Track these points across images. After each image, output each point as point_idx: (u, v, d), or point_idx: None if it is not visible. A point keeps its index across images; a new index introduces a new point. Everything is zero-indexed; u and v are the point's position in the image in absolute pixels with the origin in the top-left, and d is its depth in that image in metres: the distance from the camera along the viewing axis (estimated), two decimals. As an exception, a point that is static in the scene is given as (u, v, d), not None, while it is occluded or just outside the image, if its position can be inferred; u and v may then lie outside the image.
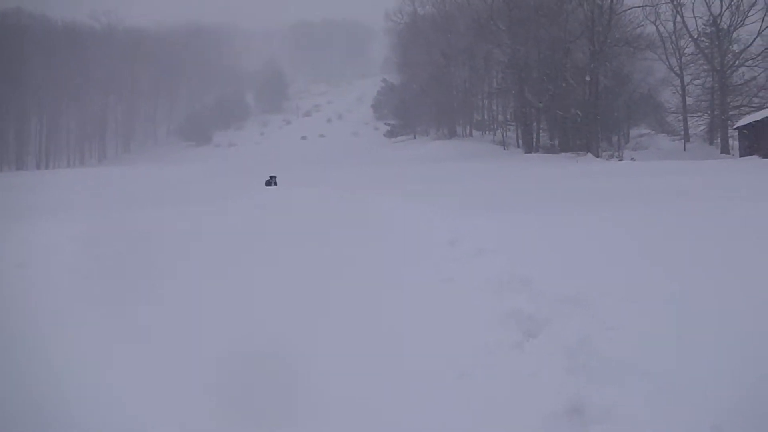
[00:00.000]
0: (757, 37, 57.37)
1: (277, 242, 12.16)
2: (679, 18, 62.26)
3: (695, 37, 60.62)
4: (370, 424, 5.34)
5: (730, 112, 55.21)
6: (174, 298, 8.62)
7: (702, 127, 60.41)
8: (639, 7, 57.98)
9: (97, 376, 6.20)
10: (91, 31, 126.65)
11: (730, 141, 53.25)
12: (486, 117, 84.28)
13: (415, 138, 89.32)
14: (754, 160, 34.49)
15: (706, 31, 59.60)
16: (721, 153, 52.28)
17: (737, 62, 58.13)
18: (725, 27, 57.82)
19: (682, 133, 60.08)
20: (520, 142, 64.42)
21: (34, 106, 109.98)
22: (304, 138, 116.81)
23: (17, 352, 6.80)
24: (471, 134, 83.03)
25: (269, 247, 11.82)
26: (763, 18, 56.84)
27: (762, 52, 56.78)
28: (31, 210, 19.75)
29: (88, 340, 7.07)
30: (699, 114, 59.82)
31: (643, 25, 59.68)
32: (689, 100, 60.99)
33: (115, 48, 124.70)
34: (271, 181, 30.43)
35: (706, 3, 58.87)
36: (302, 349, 6.69)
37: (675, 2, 61.02)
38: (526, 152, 57.96)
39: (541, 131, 60.50)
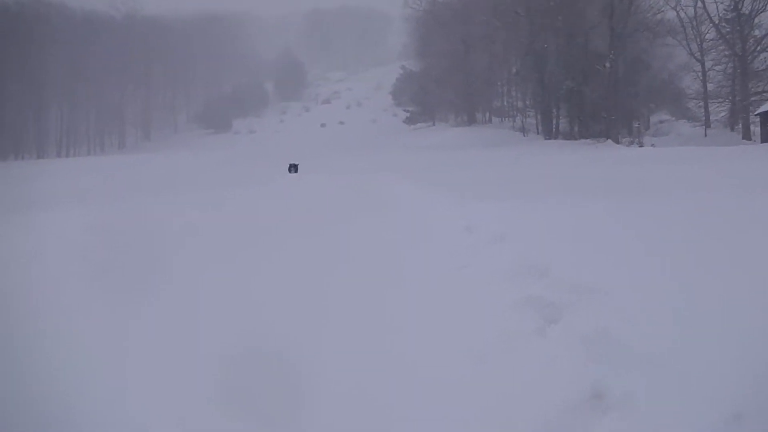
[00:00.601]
0: (778, 23, 57.00)
1: (290, 230, 12.14)
2: (699, 3, 61.78)
3: (716, 22, 60.05)
4: (388, 413, 5.34)
5: (752, 98, 54.72)
6: (177, 293, 8.59)
7: (723, 113, 59.99)
8: (659, -8, 57.73)
9: (99, 372, 6.20)
10: (110, 19, 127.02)
11: (752, 127, 52.91)
12: (505, 103, 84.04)
13: (434, 125, 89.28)
14: (776, 145, 34.32)
15: (727, 17, 59.04)
16: (743, 139, 51.91)
17: (759, 48, 57.54)
18: (746, 12, 57.25)
19: (703, 119, 59.70)
20: (540, 128, 64.25)
21: (54, 95, 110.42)
22: (323, 125, 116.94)
23: (19, 349, 6.81)
24: (490, 121, 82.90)
25: (281, 235, 11.81)
26: (786, 3, 56.45)
27: (784, 37, 56.44)
28: (48, 198, 19.82)
29: (90, 336, 7.08)
30: (720, 100, 59.35)
31: (663, 11, 59.34)
32: (710, 86, 60.52)
33: (133, 36, 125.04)
34: (292, 169, 30.46)
35: (727, -12, 58.44)
36: (314, 339, 6.67)
37: (696, -13, 60.69)
38: (545, 139, 57.84)
39: (560, 117, 60.31)
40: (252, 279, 8.91)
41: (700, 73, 61.48)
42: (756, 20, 58.20)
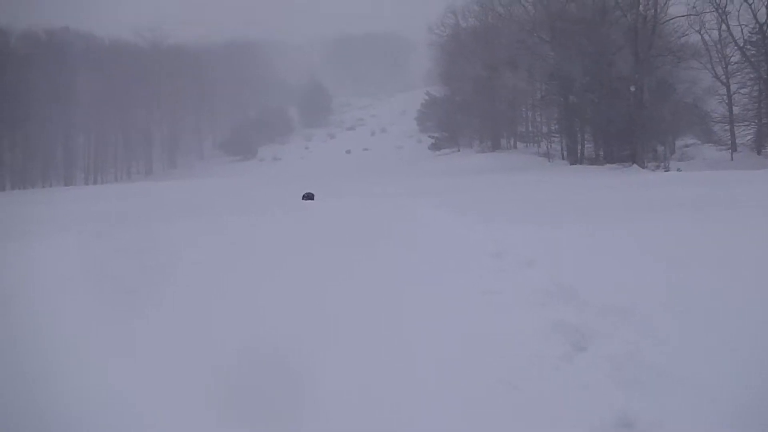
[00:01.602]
0: (804, 45, 56.77)
1: (317, 253, 12.16)
2: (724, 26, 61.60)
3: (741, 45, 59.94)
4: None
5: (778, 121, 54.65)
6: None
7: (749, 137, 59.67)
8: (683, 16, 57.48)
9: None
10: (136, 48, 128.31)
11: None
12: (530, 129, 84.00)
13: (459, 150, 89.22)
14: (803, 169, 34.05)
15: (752, 39, 58.87)
16: (770, 162, 51.67)
17: (784, 70, 57.45)
18: (772, 34, 57.17)
19: (729, 142, 59.39)
20: (565, 153, 64.14)
21: (81, 123, 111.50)
22: (348, 152, 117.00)
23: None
24: (515, 146, 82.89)
25: (306, 257, 11.84)
26: (811, 25, 56.25)
27: (810, 60, 56.19)
28: (76, 222, 19.94)
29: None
30: (746, 123, 59.08)
31: (687, 34, 59.13)
32: (736, 109, 60.26)
33: (159, 64, 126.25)
34: (308, 197, 30.03)
35: (752, 11, 58.18)
36: (341, 366, 6.66)
37: (720, 11, 60.45)
38: (571, 164, 57.70)
39: (585, 142, 60.18)
40: (267, 305, 8.91)
41: (725, 97, 61.26)
42: (781, 42, 58.07)
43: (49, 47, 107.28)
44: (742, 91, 60.11)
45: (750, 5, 58.30)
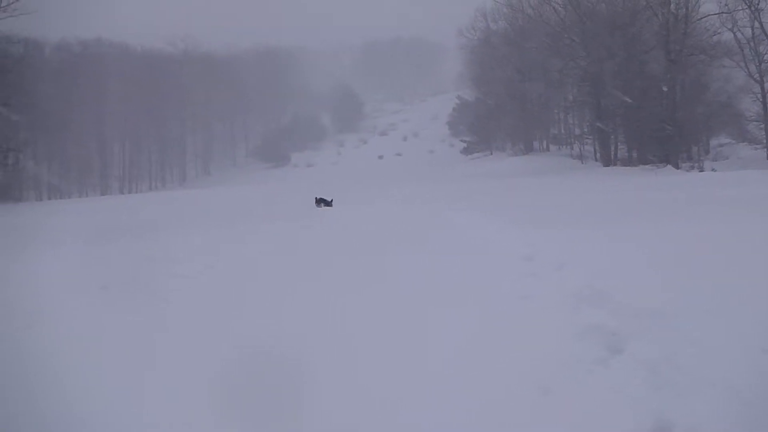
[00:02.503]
0: (838, 41, 56.13)
1: (349, 258, 12.23)
2: (756, 23, 60.93)
3: (774, 42, 59.36)
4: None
5: (814, 119, 54.01)
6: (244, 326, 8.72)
7: (785, 135, 59.03)
8: (715, 14, 56.92)
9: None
10: (169, 56, 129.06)
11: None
12: (562, 131, 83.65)
13: (491, 154, 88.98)
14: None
15: (786, 36, 58.32)
16: (807, 161, 51.16)
17: (818, 67, 56.79)
18: (806, 31, 56.54)
19: (764, 141, 58.74)
20: (598, 155, 63.80)
21: (116, 132, 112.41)
22: (380, 157, 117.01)
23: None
24: (548, 149, 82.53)
25: (342, 261, 11.91)
26: None
27: (844, 56, 55.54)
28: (116, 232, 20.13)
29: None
30: (781, 121, 58.47)
31: (719, 32, 58.49)
32: (770, 108, 59.68)
33: (192, 72, 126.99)
34: (321, 203, 29.18)
35: (786, 7, 57.60)
36: (382, 366, 6.70)
37: (752, 8, 59.68)
38: (604, 166, 57.37)
39: (618, 144, 59.81)
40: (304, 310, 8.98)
41: (759, 95, 60.59)
42: (815, 39, 57.42)
43: (82, 58, 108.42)
44: (776, 88, 59.41)
45: (784, 2, 57.68)
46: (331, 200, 28.79)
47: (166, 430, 5.75)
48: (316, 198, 28.94)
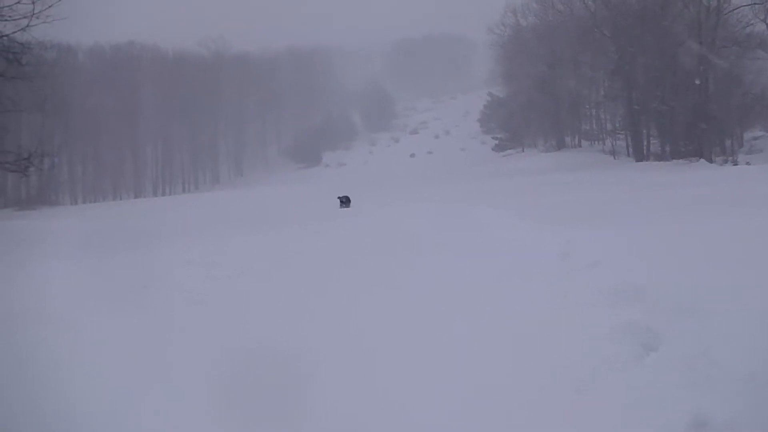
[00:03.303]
0: None
1: (387, 257, 12.29)
2: (789, 14, 60.45)
3: (808, 33, 58.74)
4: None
5: None
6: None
7: (820, 126, 58.50)
8: (747, 5, 56.46)
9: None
10: (200, 58, 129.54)
11: None
12: (594, 126, 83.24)
13: (523, 151, 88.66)
14: None
15: (820, 26, 57.69)
16: (843, 150, 50.69)
17: None
18: (839, 20, 55.92)
19: (799, 133, 58.31)
20: (630, 150, 63.46)
21: (149, 135, 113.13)
22: (412, 155, 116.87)
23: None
24: (580, 144, 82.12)
25: (376, 262, 11.97)
26: None
27: None
28: (152, 236, 20.29)
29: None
30: (816, 112, 57.90)
31: (752, 24, 58.03)
32: (804, 99, 59.07)
33: (223, 73, 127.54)
34: (345, 203, 28.72)
35: (819, -3, 56.98)
36: (423, 365, 6.76)
37: (786, -2, 59.35)
38: (636, 161, 57.03)
39: (651, 138, 59.44)
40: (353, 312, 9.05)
41: (793, 86, 60.09)
42: None
43: (115, 61, 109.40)
44: (811, 79, 58.83)
45: (816, -9, 57.07)
46: (348, 199, 28.69)
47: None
48: (339, 200, 28.87)
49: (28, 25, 25.56)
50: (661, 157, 54.11)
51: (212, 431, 6.07)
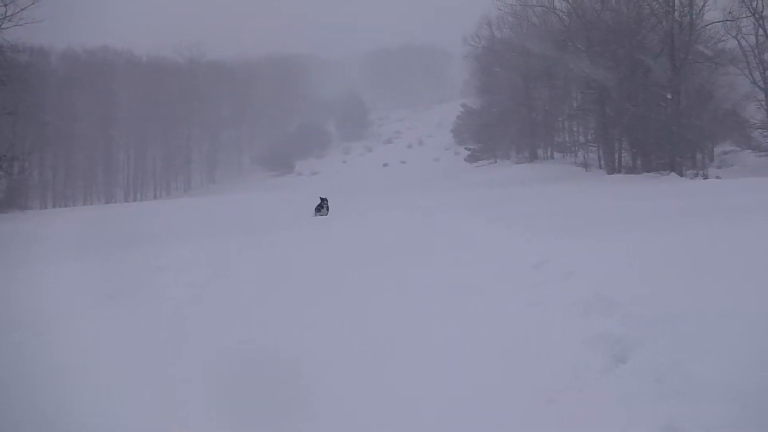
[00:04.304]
0: (842, 49, 56.11)
1: (351, 267, 12.30)
2: (761, 31, 60.94)
3: (779, 50, 59.35)
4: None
5: (818, 126, 53.99)
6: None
7: (790, 142, 58.95)
8: (720, 21, 57.05)
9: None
10: (175, 64, 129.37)
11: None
12: (567, 139, 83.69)
13: (496, 162, 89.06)
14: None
15: (790, 44, 58.29)
16: (812, 167, 51.13)
17: (822, 74, 56.75)
18: (809, 39, 56.54)
19: (769, 148, 58.72)
20: (602, 163, 63.80)
21: (121, 140, 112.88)
22: (385, 165, 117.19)
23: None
24: (552, 156, 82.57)
25: (344, 270, 11.98)
26: None
27: None
28: (115, 242, 20.23)
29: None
30: (786, 128, 58.35)
31: (724, 40, 58.64)
32: (775, 114, 59.61)
33: (197, 80, 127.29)
34: (320, 207, 28.44)
35: (790, 15, 57.64)
36: (386, 378, 6.76)
37: (757, 15, 59.76)
38: (608, 173, 57.33)
39: (623, 151, 59.78)
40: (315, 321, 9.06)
41: (764, 102, 60.56)
42: (818, 47, 57.39)
43: (88, 66, 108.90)
44: (781, 95, 59.34)
45: (788, 9, 57.74)
46: (324, 204, 28.16)
47: None
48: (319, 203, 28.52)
49: (0, 28, 25.41)
50: (632, 170, 54.42)
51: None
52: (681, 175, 47.13)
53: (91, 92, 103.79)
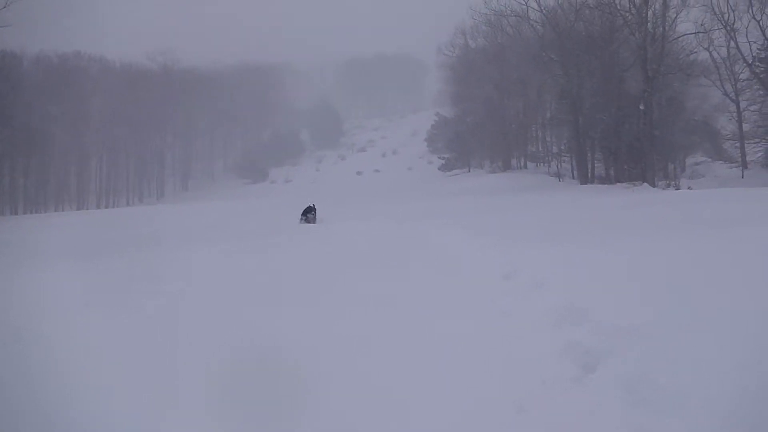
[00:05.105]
0: (813, 62, 56.69)
1: (333, 278, 12.25)
2: (732, 43, 61.60)
3: (750, 62, 59.83)
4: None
5: (788, 138, 54.53)
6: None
7: (759, 154, 59.42)
8: (692, 33, 57.60)
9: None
10: (148, 71, 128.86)
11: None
12: (540, 149, 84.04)
13: (469, 171, 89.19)
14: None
15: (761, 56, 58.68)
16: (781, 178, 51.59)
17: (794, 87, 57.32)
18: (781, 52, 57.08)
19: (740, 159, 59.24)
20: (575, 173, 64.09)
21: (94, 147, 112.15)
22: (359, 173, 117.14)
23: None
24: (526, 166, 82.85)
25: (321, 283, 11.93)
26: (820, 43, 56.23)
27: (819, 76, 56.09)
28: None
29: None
30: (756, 140, 58.81)
31: (696, 52, 59.23)
32: (746, 126, 60.02)
33: (171, 87, 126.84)
34: (309, 212, 28.29)
35: (760, 27, 58.04)
36: (358, 386, 6.73)
37: (728, 28, 60.45)
38: (581, 183, 57.61)
39: (596, 162, 60.08)
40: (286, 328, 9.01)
41: (735, 114, 61.14)
42: (790, 60, 57.99)
43: (61, 71, 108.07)
44: (751, 107, 59.83)
45: (758, 22, 58.30)
46: (311, 211, 27.88)
47: None
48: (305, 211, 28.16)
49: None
50: (605, 180, 54.72)
51: None
52: (653, 185, 47.36)
53: (63, 98, 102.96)
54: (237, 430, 6.01)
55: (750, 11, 58.94)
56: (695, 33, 57.88)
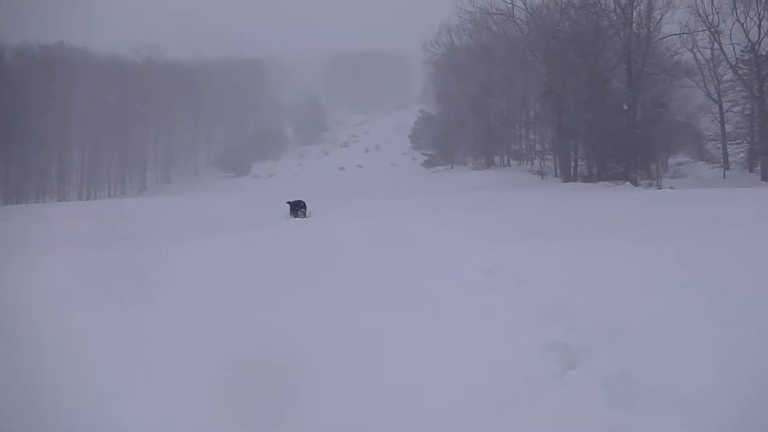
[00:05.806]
0: (796, 64, 56.94)
1: (313, 275, 12.19)
2: (716, 45, 61.83)
3: (733, 63, 60.07)
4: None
5: (770, 139, 54.72)
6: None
7: (741, 155, 59.72)
8: (676, 34, 57.94)
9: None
10: (132, 64, 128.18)
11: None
12: (524, 146, 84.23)
13: (452, 168, 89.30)
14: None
15: (744, 58, 58.96)
16: (762, 180, 51.78)
17: (776, 88, 57.56)
18: (764, 53, 57.26)
19: (722, 160, 59.49)
20: (558, 171, 64.26)
21: (76, 138, 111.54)
22: (342, 169, 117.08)
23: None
24: (509, 164, 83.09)
25: (300, 280, 11.88)
26: (803, 45, 56.49)
27: (802, 79, 56.33)
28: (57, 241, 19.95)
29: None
30: (738, 141, 59.07)
31: (680, 53, 59.56)
32: (728, 127, 60.24)
33: (155, 80, 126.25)
34: (297, 208, 27.87)
35: (744, 30, 58.39)
36: (339, 386, 6.71)
37: (712, 29, 60.66)
38: (564, 181, 57.79)
39: (579, 160, 60.25)
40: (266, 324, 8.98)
41: (717, 115, 61.34)
42: (773, 61, 58.24)
43: (43, 62, 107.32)
44: (734, 109, 60.09)
45: (742, 24, 58.64)
46: (300, 206, 27.37)
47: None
48: (290, 204, 27.68)
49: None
50: (587, 179, 54.93)
51: None
52: (635, 184, 47.57)
53: (46, 89, 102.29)
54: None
55: (734, 13, 59.32)
56: (679, 34, 58.22)
